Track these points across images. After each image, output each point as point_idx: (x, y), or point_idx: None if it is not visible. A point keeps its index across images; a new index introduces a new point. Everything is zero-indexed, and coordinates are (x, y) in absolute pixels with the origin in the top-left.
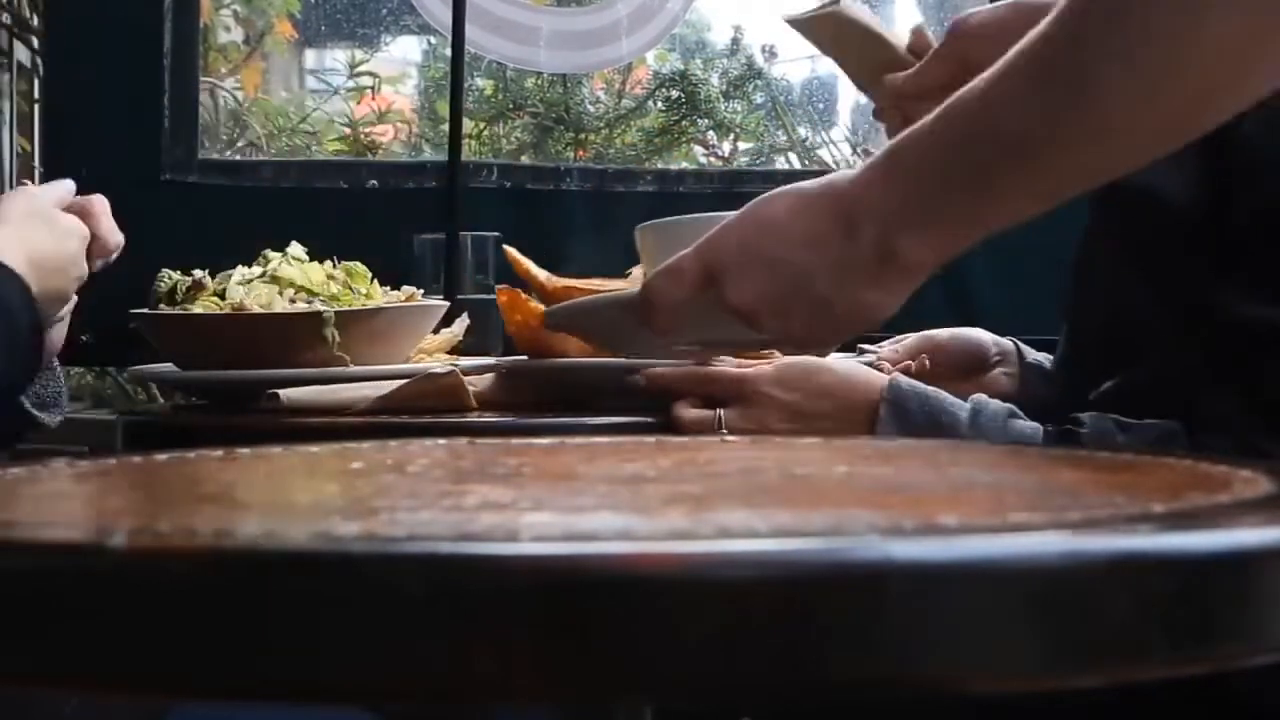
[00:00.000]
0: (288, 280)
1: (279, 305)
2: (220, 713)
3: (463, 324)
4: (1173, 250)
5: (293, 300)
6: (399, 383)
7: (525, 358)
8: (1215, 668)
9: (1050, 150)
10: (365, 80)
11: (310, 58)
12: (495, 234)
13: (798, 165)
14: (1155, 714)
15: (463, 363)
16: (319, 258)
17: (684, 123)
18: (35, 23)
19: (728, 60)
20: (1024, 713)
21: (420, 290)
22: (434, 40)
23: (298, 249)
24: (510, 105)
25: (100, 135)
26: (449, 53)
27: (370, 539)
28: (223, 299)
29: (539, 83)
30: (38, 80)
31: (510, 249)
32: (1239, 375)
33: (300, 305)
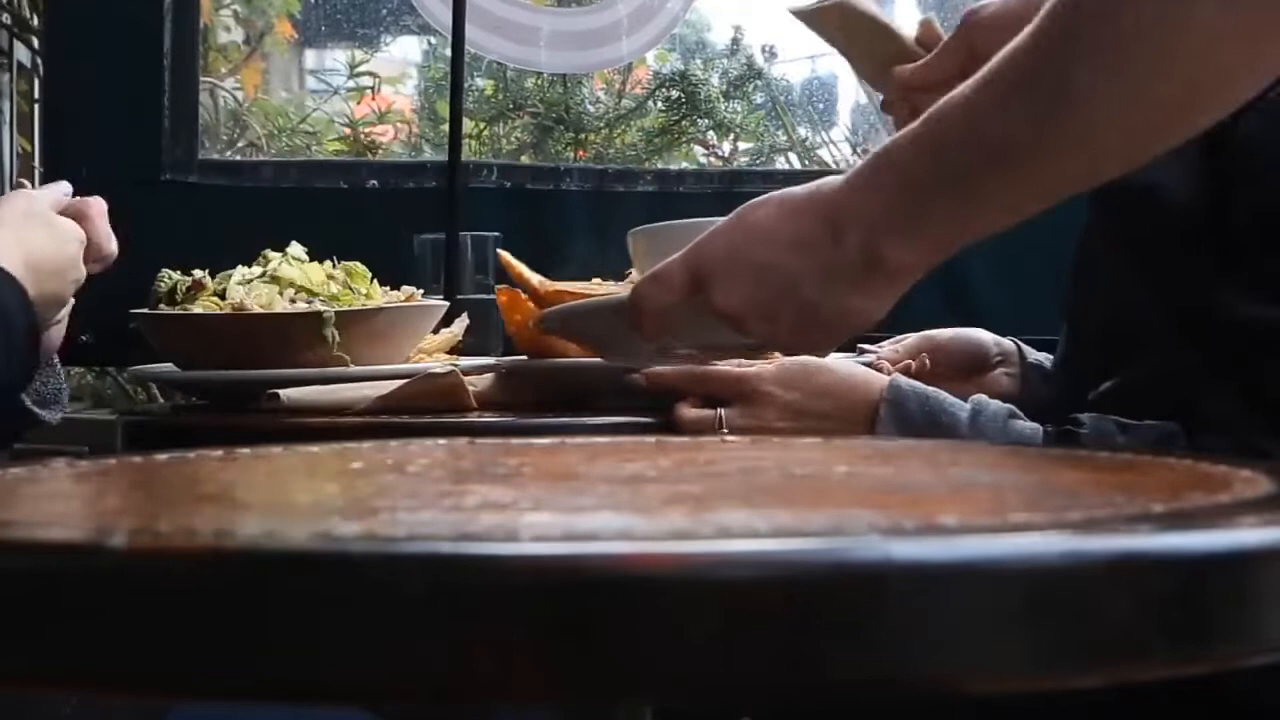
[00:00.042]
0: (288, 280)
1: (279, 305)
2: (220, 713)
3: (463, 324)
4: (1173, 250)
5: (293, 300)
6: (399, 383)
7: (525, 358)
8: (1214, 668)
9: (1034, 157)
10: (365, 80)
11: (310, 58)
12: (495, 234)
13: (798, 165)
14: (1154, 714)
15: (463, 363)
16: (319, 258)
17: (684, 123)
18: (35, 23)
19: (728, 60)
20: (1024, 713)
21: (420, 290)
22: (434, 40)
23: (298, 249)
24: (510, 105)
25: (100, 135)
26: (449, 53)
27: (370, 539)
28: (223, 299)
29: (539, 83)
30: (38, 80)
31: (504, 253)
32: (1239, 375)
33: (300, 305)
